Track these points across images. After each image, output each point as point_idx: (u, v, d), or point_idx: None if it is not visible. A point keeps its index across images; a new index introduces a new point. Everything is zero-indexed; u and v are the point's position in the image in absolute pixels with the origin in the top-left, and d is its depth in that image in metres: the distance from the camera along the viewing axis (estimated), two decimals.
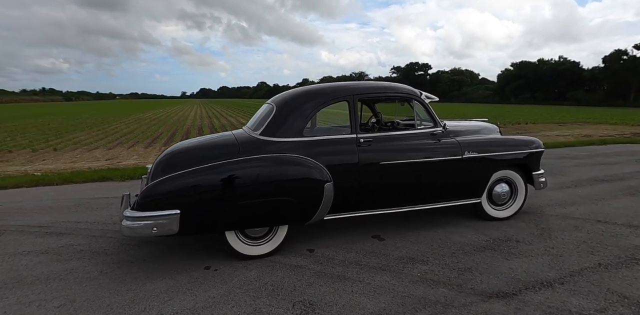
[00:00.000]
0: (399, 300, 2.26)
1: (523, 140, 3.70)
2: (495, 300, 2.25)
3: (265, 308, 2.20)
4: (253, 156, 2.75)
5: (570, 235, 3.28)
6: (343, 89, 3.18)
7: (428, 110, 3.34)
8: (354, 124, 3.08)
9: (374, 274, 2.61)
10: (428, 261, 2.81)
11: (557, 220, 3.68)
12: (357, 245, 3.12)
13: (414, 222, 3.64)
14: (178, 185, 2.55)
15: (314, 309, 2.19)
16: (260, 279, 2.55)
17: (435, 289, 2.40)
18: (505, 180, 3.64)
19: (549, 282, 2.46)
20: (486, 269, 2.67)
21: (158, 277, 2.60)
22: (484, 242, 3.15)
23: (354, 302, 2.25)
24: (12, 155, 10.18)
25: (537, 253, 2.92)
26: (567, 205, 4.17)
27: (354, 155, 3.00)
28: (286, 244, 3.07)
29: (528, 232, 3.36)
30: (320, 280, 2.53)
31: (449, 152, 3.27)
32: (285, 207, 2.74)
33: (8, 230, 3.56)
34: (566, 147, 9.03)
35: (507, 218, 3.68)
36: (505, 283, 2.46)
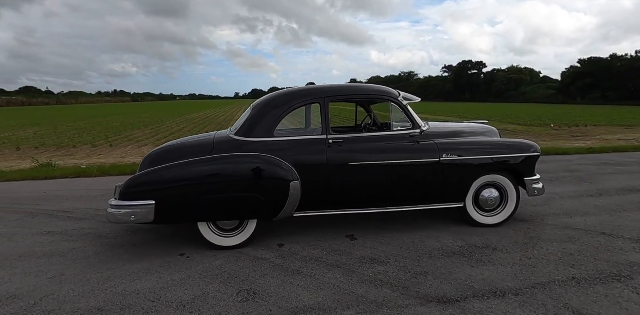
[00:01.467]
0: (337, 297, 2.33)
1: (514, 143, 3.50)
2: (433, 305, 2.22)
3: (213, 293, 2.40)
4: (221, 155, 2.98)
5: (559, 246, 3.06)
6: (315, 91, 3.29)
7: (406, 112, 3.32)
8: (325, 126, 3.18)
9: (327, 270, 2.70)
10: (388, 263, 2.82)
11: (554, 230, 3.43)
12: (327, 243, 3.21)
13: (394, 224, 3.62)
14: (153, 178, 2.87)
15: (255, 297, 2.35)
16: (222, 268, 2.77)
17: (380, 289, 2.42)
18: (495, 185, 3.48)
19: (503, 292, 2.36)
20: (443, 274, 2.61)
21: (138, 260, 2.93)
22: (457, 248, 3.06)
23: (293, 295, 2.36)
24: (76, 150, 11.63)
25: (509, 262, 2.78)
26: (576, 215, 3.85)
27: (323, 155, 3.10)
28: (260, 238, 3.26)
29: (512, 241, 3.19)
30: (275, 272, 2.68)
31: (425, 154, 3.22)
32: (252, 203, 2.94)
33: (40, 213, 4.20)
34: (615, 153, 8.13)
35: (496, 225, 3.51)
36: (455, 289, 2.40)
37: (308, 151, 3.10)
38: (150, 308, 2.24)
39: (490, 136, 3.85)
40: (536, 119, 21.34)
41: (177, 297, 2.35)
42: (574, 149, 8.42)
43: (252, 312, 2.19)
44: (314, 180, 3.08)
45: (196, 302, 2.29)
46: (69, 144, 12.52)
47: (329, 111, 3.23)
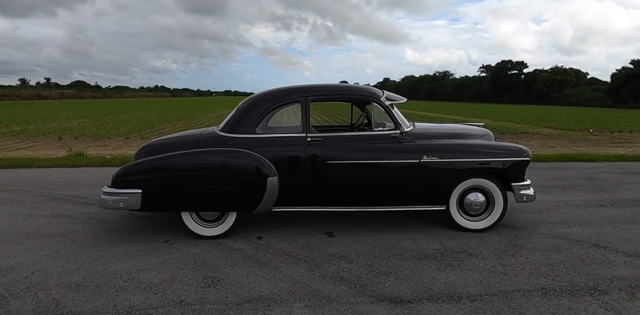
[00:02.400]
0: (293, 289, 2.41)
1: (502, 147, 3.38)
2: (383, 304, 2.25)
3: (180, 278, 2.57)
4: (203, 149, 3.15)
5: (541, 255, 2.94)
6: (296, 91, 3.36)
7: (388, 112, 3.31)
8: (305, 124, 3.25)
9: (294, 264, 2.78)
10: (355, 261, 2.85)
11: (543, 239, 3.29)
12: (304, 238, 3.29)
13: (375, 224, 3.63)
14: (140, 169, 3.09)
15: (217, 284, 2.48)
16: (198, 255, 2.94)
17: (337, 285, 2.48)
18: (481, 189, 3.39)
19: (459, 297, 2.33)
20: (407, 275, 2.61)
21: (126, 243, 3.17)
22: (431, 251, 3.03)
23: (253, 285, 2.48)
24: (110, 141, 12.47)
25: (479, 268, 2.72)
26: (575, 224, 3.65)
27: (301, 153, 3.18)
28: (242, 230, 3.41)
29: (493, 247, 3.10)
30: (244, 263, 2.81)
31: (404, 155, 3.20)
32: (230, 196, 3.08)
33: (58, 197, 4.61)
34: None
35: (481, 230, 3.42)
36: (412, 291, 2.40)
37: (287, 148, 3.19)
38: (120, 287, 2.44)
39: (484, 139, 3.74)
40: (577, 122, 19.96)
41: (148, 279, 2.55)
42: (603, 156, 7.86)
43: (210, 297, 2.33)
44: (292, 176, 3.17)
45: (163, 285, 2.47)
46: (105, 135, 13.44)
47: (309, 110, 3.29)
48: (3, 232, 3.43)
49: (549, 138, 14.27)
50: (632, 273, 2.65)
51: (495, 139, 3.87)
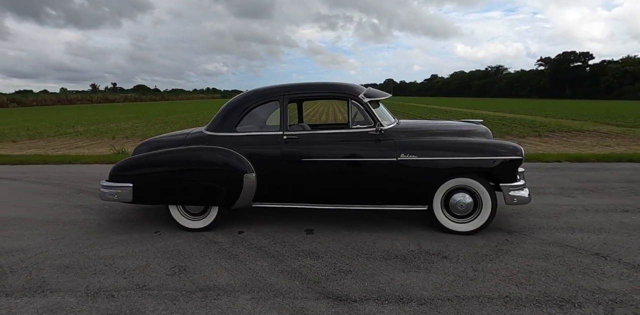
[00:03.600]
0: (247, 282, 2.50)
1: (491, 145, 3.15)
2: (327, 301, 2.24)
3: (153, 265, 2.78)
4: (186, 146, 3.34)
5: (524, 262, 2.72)
6: (275, 90, 3.42)
7: (366, 110, 3.25)
8: (283, 122, 3.31)
9: (260, 258, 2.87)
10: (322, 258, 2.86)
11: (536, 244, 3.03)
12: (283, 234, 3.35)
13: (359, 222, 3.58)
14: (131, 164, 3.37)
15: (181, 272, 2.64)
16: (177, 246, 3.14)
17: (291, 280, 2.51)
18: (468, 190, 3.20)
19: (409, 300, 2.25)
20: (366, 275, 2.57)
21: (123, 232, 3.48)
22: (405, 252, 2.93)
23: (214, 275, 2.60)
24: None
25: (447, 272, 2.59)
26: (582, 231, 3.31)
27: (277, 151, 3.24)
28: (227, 224, 3.57)
29: (473, 251, 2.93)
30: (215, 255, 2.95)
31: (381, 153, 3.13)
32: (210, 191, 3.24)
33: (85, 190, 5.15)
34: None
35: (468, 233, 3.23)
36: (363, 290, 2.37)
37: (264, 146, 3.27)
38: (99, 270, 2.70)
39: (479, 137, 3.53)
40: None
41: (124, 265, 2.79)
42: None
43: (170, 284, 2.49)
44: (269, 174, 3.25)
45: (135, 271, 2.69)
46: (152, 135, 14.63)
47: (287, 108, 3.35)
48: (28, 218, 3.93)
49: (606, 136, 12.84)
50: (623, 286, 2.36)
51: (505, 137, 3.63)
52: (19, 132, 16.06)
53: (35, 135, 15.16)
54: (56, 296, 2.35)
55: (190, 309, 2.19)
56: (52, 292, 2.40)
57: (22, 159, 7.89)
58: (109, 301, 2.29)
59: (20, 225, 3.73)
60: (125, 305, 2.24)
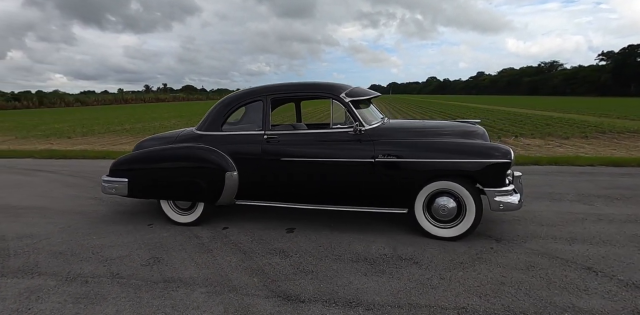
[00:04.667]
0: (209, 276, 2.58)
1: (476, 147, 2.96)
2: (275, 300, 2.26)
3: (133, 255, 2.96)
4: (174, 145, 3.51)
5: (500, 273, 2.53)
6: (258, 90, 3.47)
7: (348, 109, 3.19)
8: (265, 122, 3.35)
9: (232, 254, 2.94)
10: (290, 257, 2.87)
11: (522, 254, 2.81)
12: (263, 232, 3.41)
13: (344, 223, 3.54)
14: (127, 160, 3.61)
15: (154, 263, 2.79)
16: (163, 238, 3.31)
17: (251, 277, 2.55)
18: (452, 193, 3.03)
19: (358, 304, 2.20)
20: (326, 277, 2.55)
21: (121, 223, 3.74)
22: (376, 256, 2.86)
23: (182, 268, 2.71)
24: None
25: (411, 278, 2.49)
26: (582, 242, 3.01)
27: (258, 150, 3.30)
28: (215, 219, 3.71)
29: (449, 258, 2.78)
30: (193, 248, 3.07)
31: (359, 153, 3.06)
32: (195, 187, 3.38)
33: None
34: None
35: (452, 238, 3.07)
36: (316, 292, 2.35)
37: (246, 145, 3.35)
38: (85, 258, 2.94)
39: (475, 138, 3.33)
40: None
41: (108, 254, 3.00)
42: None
43: (140, 274, 2.64)
44: (250, 172, 3.32)
45: (115, 260, 2.89)
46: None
47: (269, 108, 3.39)
48: (48, 208, 4.36)
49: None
50: (603, 306, 2.12)
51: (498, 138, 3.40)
52: (75, 129, 17.71)
53: (87, 132, 16.63)
54: (41, 279, 2.60)
55: (146, 298, 2.32)
56: (39, 275, 2.66)
57: (65, 153, 8.73)
58: (81, 286, 2.49)
59: (40, 213, 4.15)
60: (93, 291, 2.42)
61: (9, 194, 5.05)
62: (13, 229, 3.64)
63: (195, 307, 2.20)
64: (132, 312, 2.17)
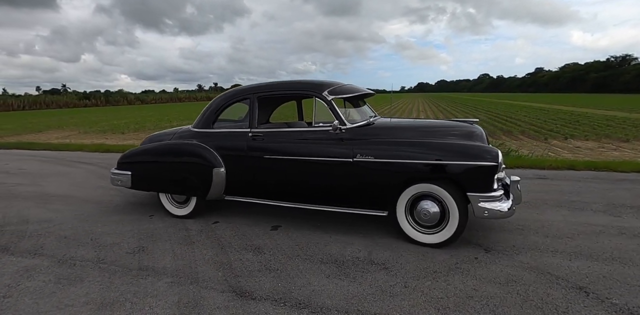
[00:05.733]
0: (180, 267, 2.68)
1: (458, 148, 2.73)
2: (228, 295, 2.29)
3: (124, 243, 3.17)
4: (169, 141, 3.68)
5: (473, 286, 2.34)
6: (246, 89, 3.53)
7: (330, 108, 3.12)
8: (252, 120, 3.40)
9: (210, 248, 3.03)
10: (263, 254, 2.89)
11: (507, 267, 2.57)
12: (249, 228, 3.47)
13: (331, 224, 3.49)
14: (131, 154, 3.87)
15: (138, 252, 2.96)
16: (156, 229, 3.50)
17: (216, 271, 2.61)
18: (436, 197, 2.85)
19: (305, 305, 2.16)
20: (287, 276, 2.53)
21: (125, 213, 4.02)
22: (348, 258, 2.78)
23: (161, 258, 2.85)
24: None
25: (373, 284, 2.39)
26: (586, 258, 2.68)
27: (244, 147, 3.35)
28: (208, 213, 3.84)
29: (423, 266, 2.62)
30: (178, 240, 3.21)
31: (338, 153, 2.99)
32: (187, 182, 3.53)
33: None
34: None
35: (436, 245, 2.88)
36: (271, 291, 2.34)
37: (233, 143, 3.43)
38: (83, 243, 3.20)
39: (469, 138, 3.10)
40: None
41: (103, 241, 3.24)
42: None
43: (121, 260, 2.82)
44: (236, 169, 3.40)
45: (107, 247, 3.11)
46: None
47: (256, 106, 3.42)
48: (74, 196, 4.81)
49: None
50: None
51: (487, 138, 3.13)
52: (129, 126, 19.32)
53: (139, 128, 18.05)
54: (39, 259, 2.89)
55: (116, 283, 2.48)
56: (39, 256, 2.96)
57: (109, 147, 9.56)
58: (68, 268, 2.72)
59: (65, 201, 4.60)
60: (75, 274, 2.64)
61: (50, 183, 5.66)
62: (38, 213, 4.08)
63: (154, 295, 2.31)
64: (99, 295, 2.33)
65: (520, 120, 18.20)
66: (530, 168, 5.97)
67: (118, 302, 2.25)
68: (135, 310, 2.16)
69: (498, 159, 2.64)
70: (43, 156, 8.54)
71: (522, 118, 19.26)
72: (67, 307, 2.21)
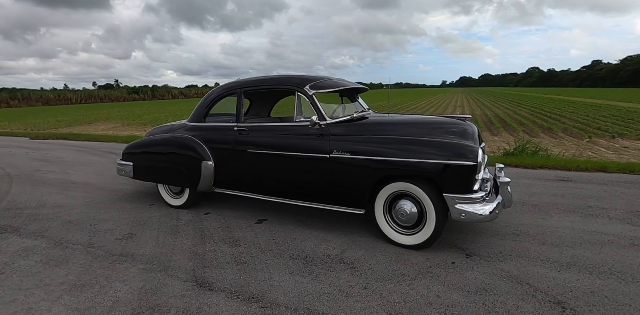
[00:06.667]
0: (157, 255, 2.79)
1: (435, 145, 2.57)
2: (189, 284, 2.36)
3: (117, 229, 3.35)
4: (165, 134, 3.82)
5: (437, 292, 2.21)
6: (234, 84, 3.56)
7: (312, 103, 3.06)
8: (239, 114, 3.42)
9: (191, 238, 3.12)
10: (237, 247, 2.93)
11: (483, 275, 2.40)
12: (235, 220, 3.53)
13: (317, 220, 3.45)
14: (134, 146, 4.06)
15: (127, 239, 3.12)
16: (151, 218, 3.66)
17: (188, 261, 2.69)
18: (415, 197, 2.71)
19: (257, 300, 2.16)
20: (254, 270, 2.55)
21: (128, 202, 4.24)
22: (319, 255, 2.74)
23: (144, 245, 2.98)
24: None
25: (334, 284, 2.34)
26: (577, 270, 2.44)
27: (230, 141, 3.40)
28: (203, 205, 3.96)
29: (392, 269, 2.52)
30: (166, 229, 3.33)
31: (317, 149, 2.93)
32: (179, 174, 3.66)
33: None
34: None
35: (414, 247, 2.75)
36: (232, 283, 2.37)
37: (220, 137, 3.49)
38: (82, 228, 3.42)
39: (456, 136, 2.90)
40: None
41: (100, 227, 3.45)
42: None
43: (108, 246, 2.99)
44: (224, 162, 3.46)
45: (101, 232, 3.31)
46: None
47: (243, 102, 3.45)
48: (92, 184, 5.17)
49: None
50: None
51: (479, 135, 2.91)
52: (168, 119, 20.36)
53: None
54: (39, 241, 3.15)
55: (95, 267, 2.64)
56: (41, 238, 3.22)
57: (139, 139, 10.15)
58: (60, 250, 2.94)
59: (83, 188, 4.96)
60: (64, 255, 2.84)
61: (77, 171, 6.13)
62: (56, 199, 4.44)
63: (122, 281, 2.43)
64: (76, 277, 2.50)
65: (566, 117, 16.81)
66: (555, 169, 5.51)
67: (89, 285, 2.39)
68: (101, 293, 2.29)
69: (477, 158, 2.44)
70: (82, 146, 9.27)
71: (569, 115, 17.78)
72: (45, 286, 2.39)
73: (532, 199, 4.01)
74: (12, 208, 4.11)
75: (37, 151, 8.58)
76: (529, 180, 4.88)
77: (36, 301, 2.21)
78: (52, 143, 10.25)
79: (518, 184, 4.61)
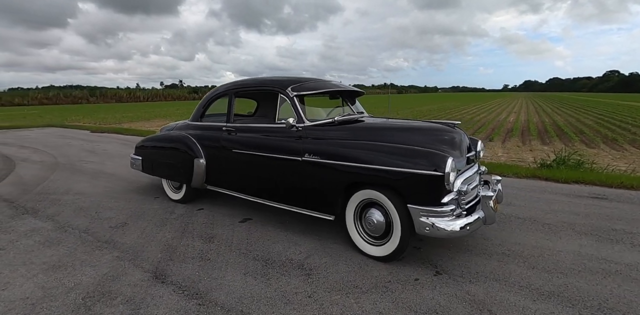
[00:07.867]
0: (136, 245, 2.95)
1: (401, 152, 2.38)
2: (146, 275, 2.45)
3: (115, 218, 3.61)
4: (167, 132, 4.02)
5: (382, 309, 2.07)
6: (227, 86, 3.66)
7: (292, 105, 3.02)
8: (229, 115, 3.50)
9: (173, 232, 3.25)
10: (212, 244, 2.99)
11: (441, 296, 2.20)
12: (222, 217, 3.61)
13: (296, 221, 3.42)
14: (143, 141, 4.34)
15: (118, 228, 3.35)
16: (149, 210, 3.88)
17: (159, 253, 2.81)
18: (382, 206, 2.56)
19: (200, 296, 2.19)
20: (213, 268, 2.59)
21: (138, 193, 4.54)
22: (282, 259, 2.71)
23: (131, 235, 3.17)
24: None
25: (280, 289, 2.30)
26: (558, 301, 2.14)
27: (219, 141, 3.49)
28: (198, 200, 4.12)
29: (348, 279, 2.41)
30: (156, 221, 3.51)
31: (289, 151, 2.90)
32: (176, 170, 3.84)
33: None
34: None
35: (382, 259, 2.60)
36: (186, 279, 2.43)
37: (210, 136, 3.60)
38: (87, 214, 3.73)
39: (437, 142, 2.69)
40: None
41: (103, 214, 3.74)
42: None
43: (100, 232, 3.23)
44: (213, 161, 3.56)
45: (101, 220, 3.58)
46: None
47: (234, 102, 3.52)
48: (117, 174, 5.62)
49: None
50: None
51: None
52: None
53: None
54: (47, 223, 3.50)
55: (78, 251, 2.86)
56: (50, 221, 3.57)
57: None
58: (59, 233, 3.24)
59: (108, 178, 5.42)
60: (59, 238, 3.12)
61: (112, 162, 6.71)
62: (82, 187, 4.90)
63: (93, 265, 2.61)
64: (58, 258, 2.73)
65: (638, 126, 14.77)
66: (593, 184, 4.87)
67: (64, 266, 2.60)
68: (70, 275, 2.48)
69: (445, 168, 2.23)
70: (128, 140, 10.14)
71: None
72: (30, 264, 2.65)
73: (547, 217, 3.58)
74: (43, 192, 4.62)
75: (90, 143, 9.56)
76: (554, 195, 4.36)
77: (15, 277, 2.46)
78: (107, 136, 11.35)
79: (538, 199, 4.15)
